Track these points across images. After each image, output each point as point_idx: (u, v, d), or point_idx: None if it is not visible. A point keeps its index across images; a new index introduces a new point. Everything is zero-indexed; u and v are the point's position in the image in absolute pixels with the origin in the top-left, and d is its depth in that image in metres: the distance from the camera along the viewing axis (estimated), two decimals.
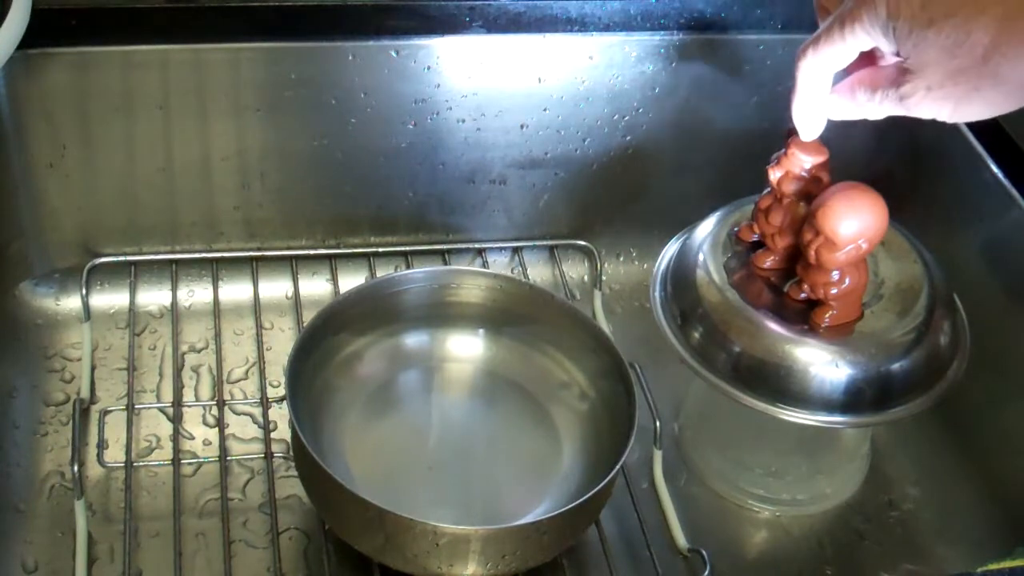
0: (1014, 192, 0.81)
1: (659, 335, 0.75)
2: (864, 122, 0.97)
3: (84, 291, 0.87)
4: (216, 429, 0.82)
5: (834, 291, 0.70)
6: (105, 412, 0.82)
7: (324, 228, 0.94)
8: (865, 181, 0.96)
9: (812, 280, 0.71)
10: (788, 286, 0.73)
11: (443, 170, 0.93)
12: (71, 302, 0.90)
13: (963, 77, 0.57)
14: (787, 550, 0.81)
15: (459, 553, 0.66)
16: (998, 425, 0.83)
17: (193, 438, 0.82)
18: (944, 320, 0.73)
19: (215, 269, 0.91)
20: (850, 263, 0.69)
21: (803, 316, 0.71)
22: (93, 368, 0.85)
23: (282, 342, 0.89)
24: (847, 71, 0.65)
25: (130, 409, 0.81)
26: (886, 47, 0.60)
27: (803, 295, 0.72)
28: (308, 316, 0.76)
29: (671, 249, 0.80)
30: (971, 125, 0.86)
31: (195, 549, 0.75)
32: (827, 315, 0.71)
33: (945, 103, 0.59)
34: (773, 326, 0.71)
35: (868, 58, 0.63)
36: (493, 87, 0.89)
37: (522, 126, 0.92)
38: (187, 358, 0.88)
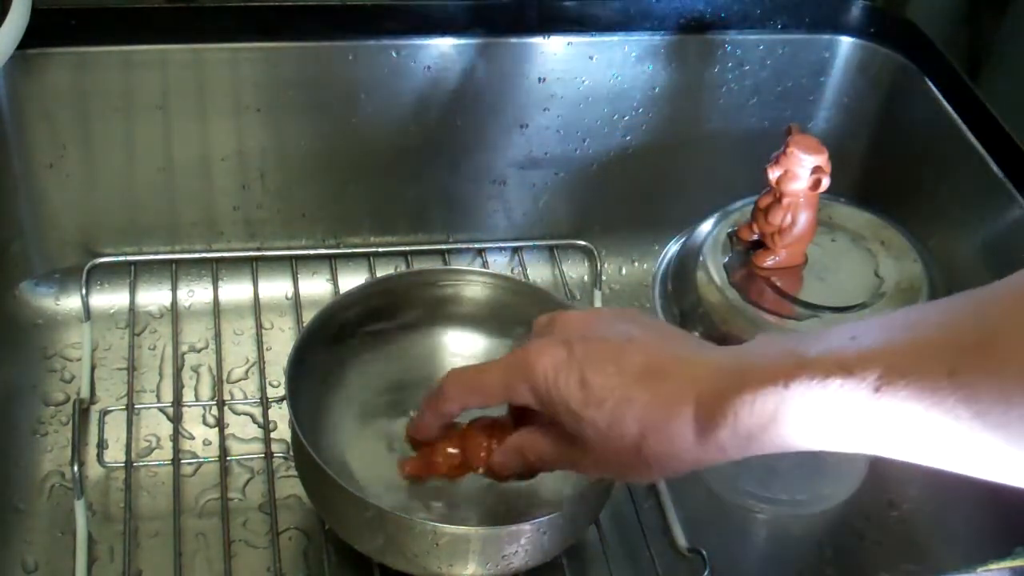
0: (1014, 192, 0.81)
1: None
2: (863, 122, 0.98)
3: (84, 291, 0.87)
4: (216, 429, 0.82)
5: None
6: (105, 412, 0.82)
7: (324, 228, 0.94)
8: (865, 181, 0.97)
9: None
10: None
11: (443, 170, 0.93)
12: (71, 302, 0.90)
13: (621, 457, 0.56)
14: (787, 550, 0.81)
15: (459, 553, 0.66)
16: None
17: (193, 438, 0.82)
18: None
19: (215, 269, 0.91)
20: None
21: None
22: (93, 368, 0.85)
23: (282, 342, 0.89)
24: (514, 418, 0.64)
25: (130, 409, 0.81)
26: (545, 412, 0.59)
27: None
28: (308, 316, 0.76)
29: (671, 249, 0.80)
30: (971, 125, 0.86)
31: (195, 549, 0.75)
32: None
33: (610, 473, 0.60)
34: (774, 325, 0.71)
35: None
36: (493, 87, 0.89)
37: (522, 126, 0.92)
38: (187, 358, 0.88)
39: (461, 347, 0.82)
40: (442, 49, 0.87)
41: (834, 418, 0.48)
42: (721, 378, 0.53)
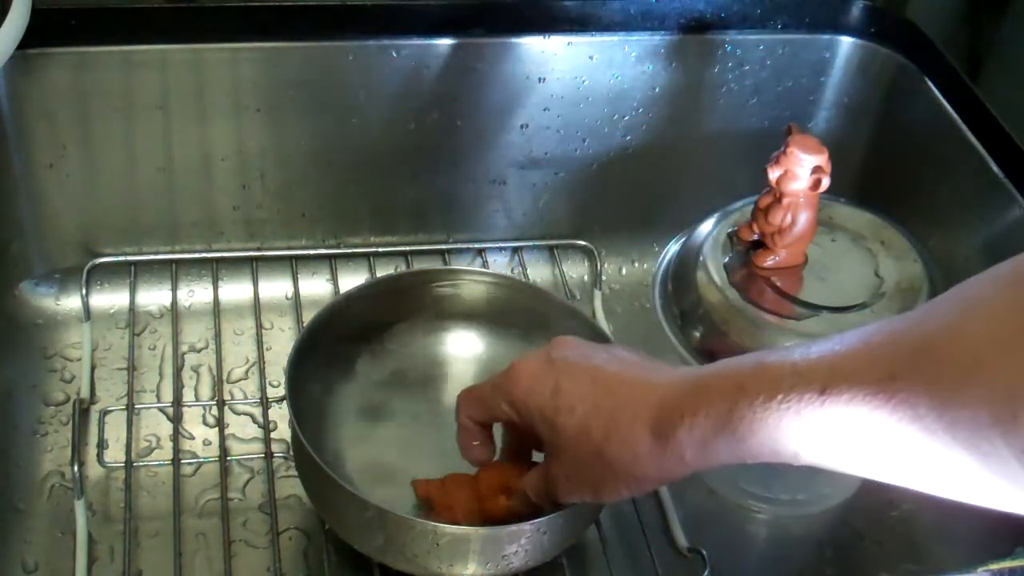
0: (1014, 192, 0.81)
1: (660, 335, 0.75)
2: (863, 122, 0.98)
3: (84, 291, 0.87)
4: (216, 429, 0.82)
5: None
6: (105, 412, 0.82)
7: (324, 228, 0.94)
8: (865, 181, 0.96)
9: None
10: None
11: (443, 170, 0.93)
12: (71, 302, 0.90)
13: (588, 465, 0.59)
14: (787, 550, 0.81)
15: (459, 553, 0.66)
16: None
17: (193, 438, 0.82)
18: None
19: (215, 269, 0.91)
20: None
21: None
22: (93, 368, 0.85)
23: (282, 342, 0.89)
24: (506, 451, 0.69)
25: (130, 409, 0.81)
26: (523, 424, 0.63)
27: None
28: (308, 316, 0.76)
29: (671, 249, 0.80)
30: (971, 125, 0.86)
31: (195, 549, 0.75)
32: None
33: (584, 489, 0.61)
34: (774, 325, 0.71)
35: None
36: (493, 87, 0.89)
37: (522, 126, 0.92)
38: (187, 358, 0.88)
39: (461, 347, 0.82)
40: (442, 49, 0.87)
41: (784, 424, 0.50)
42: (682, 386, 0.55)
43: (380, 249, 0.93)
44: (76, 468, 0.74)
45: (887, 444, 0.46)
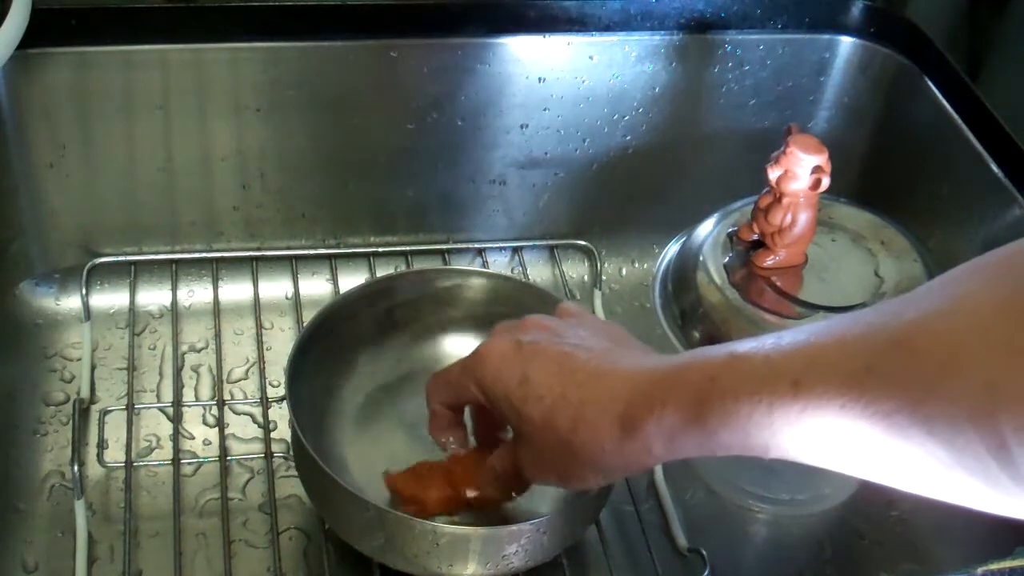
0: (1014, 192, 0.81)
1: (660, 335, 0.75)
2: (863, 122, 0.98)
3: (84, 291, 0.87)
4: (216, 429, 0.82)
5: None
6: (105, 412, 0.82)
7: (324, 228, 0.94)
8: (865, 181, 0.96)
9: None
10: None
11: (443, 170, 0.93)
12: (71, 302, 0.90)
13: (555, 453, 0.58)
14: (787, 550, 0.81)
15: (459, 553, 0.66)
16: None
17: (193, 438, 0.82)
18: None
19: (215, 269, 0.91)
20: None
21: None
22: (93, 368, 0.85)
23: (282, 342, 0.89)
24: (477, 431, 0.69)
25: (130, 409, 0.81)
26: (490, 406, 0.62)
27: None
28: (308, 316, 0.76)
29: (671, 249, 0.80)
30: (971, 125, 0.86)
31: (195, 549, 0.75)
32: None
33: (550, 475, 0.60)
34: (774, 325, 0.71)
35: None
36: (493, 87, 0.89)
37: (522, 126, 0.92)
38: (187, 358, 0.88)
39: (461, 347, 0.81)
40: (442, 49, 0.87)
41: (756, 419, 0.48)
42: (652, 377, 0.54)
43: (380, 249, 0.93)
44: (76, 468, 0.74)
45: (861, 439, 0.45)
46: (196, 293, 0.92)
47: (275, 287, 0.92)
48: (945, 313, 0.44)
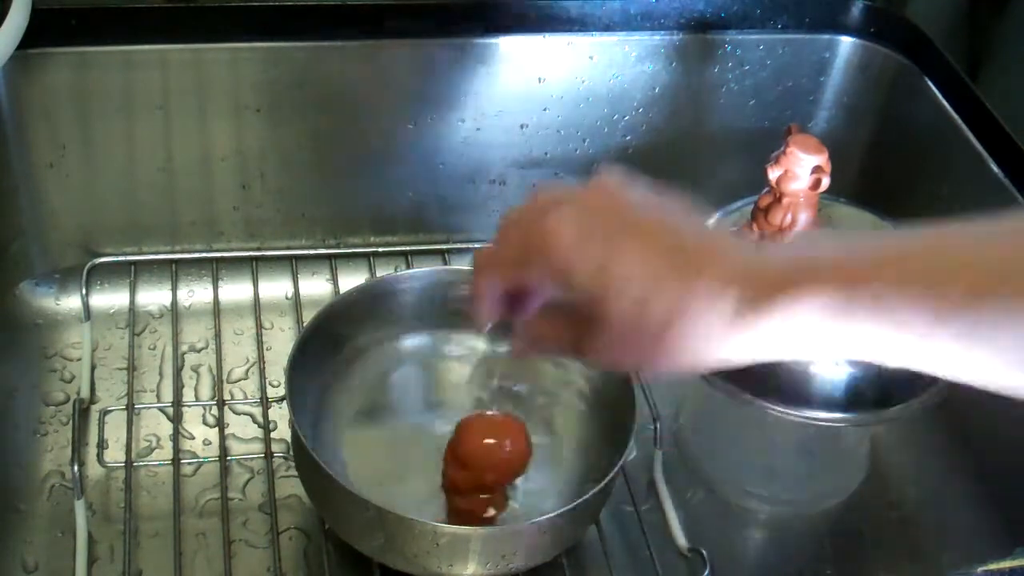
0: (1014, 192, 0.81)
1: None
2: (863, 122, 0.98)
3: (84, 291, 0.87)
4: (216, 429, 0.82)
5: None
6: (105, 412, 0.82)
7: (324, 228, 0.94)
8: (865, 181, 0.96)
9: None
10: None
11: (443, 170, 0.93)
12: (71, 302, 0.90)
13: (640, 342, 0.51)
14: (787, 550, 0.81)
15: (459, 553, 0.66)
16: (998, 425, 0.83)
17: (193, 438, 0.82)
18: None
19: (215, 269, 0.91)
20: None
21: None
22: (93, 368, 0.85)
23: (282, 342, 0.89)
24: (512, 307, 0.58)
25: (130, 409, 0.81)
26: (561, 290, 0.54)
27: None
28: (308, 316, 0.76)
29: None
30: (971, 125, 0.86)
31: (195, 549, 0.75)
32: None
33: (633, 361, 0.54)
34: None
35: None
36: (493, 87, 0.89)
37: (522, 126, 0.92)
38: (187, 358, 0.88)
39: (461, 347, 0.82)
40: (442, 49, 0.87)
41: (921, 315, 0.47)
42: (778, 263, 0.49)
43: (380, 249, 0.93)
44: (76, 468, 0.74)
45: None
46: (196, 293, 0.92)
47: (275, 287, 0.92)
48: None
